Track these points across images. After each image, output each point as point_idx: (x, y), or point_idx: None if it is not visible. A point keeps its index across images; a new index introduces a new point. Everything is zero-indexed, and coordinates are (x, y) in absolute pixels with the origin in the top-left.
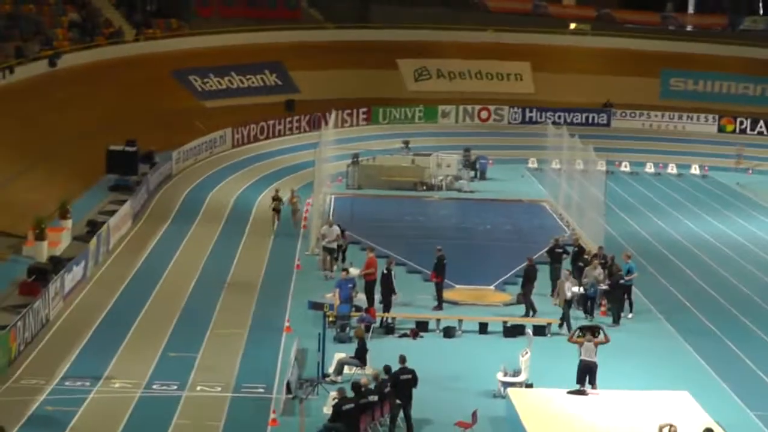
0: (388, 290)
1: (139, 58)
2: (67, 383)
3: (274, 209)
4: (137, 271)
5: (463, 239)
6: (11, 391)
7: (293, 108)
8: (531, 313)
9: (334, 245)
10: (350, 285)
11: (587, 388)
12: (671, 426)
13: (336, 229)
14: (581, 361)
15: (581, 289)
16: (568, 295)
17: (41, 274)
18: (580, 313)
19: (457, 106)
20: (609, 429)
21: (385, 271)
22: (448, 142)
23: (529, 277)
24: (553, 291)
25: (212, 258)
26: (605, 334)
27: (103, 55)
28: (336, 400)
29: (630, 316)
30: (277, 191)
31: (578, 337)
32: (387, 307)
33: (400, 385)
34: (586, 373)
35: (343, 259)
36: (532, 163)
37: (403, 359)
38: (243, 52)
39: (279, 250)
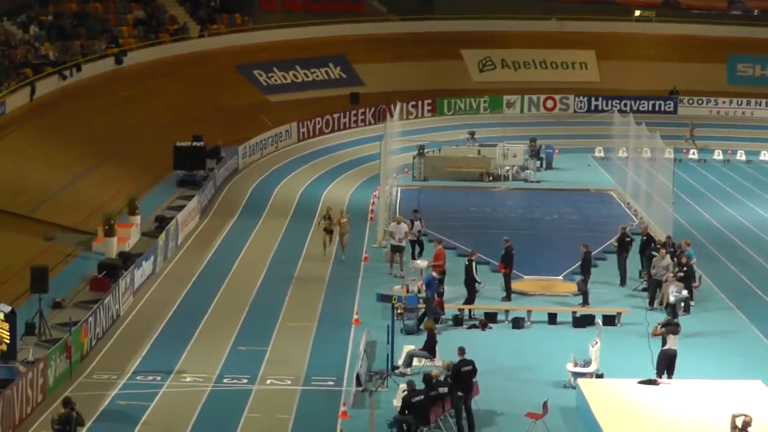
0: (471, 281)
1: (203, 53)
2: (138, 378)
3: (325, 230)
4: (206, 265)
5: (530, 229)
6: (84, 386)
7: (358, 101)
8: (585, 302)
9: (403, 243)
10: (436, 281)
11: (663, 378)
12: (745, 416)
13: (404, 227)
14: (664, 350)
15: (684, 291)
16: (672, 299)
17: (111, 270)
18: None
19: (522, 96)
20: (681, 419)
21: (467, 262)
22: (513, 133)
23: (584, 266)
24: (622, 280)
25: (280, 252)
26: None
27: (168, 51)
28: (406, 393)
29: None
30: (328, 210)
31: (660, 329)
32: (471, 298)
33: (461, 377)
34: (668, 362)
35: (420, 253)
36: (599, 152)
37: (462, 351)
38: (307, 45)
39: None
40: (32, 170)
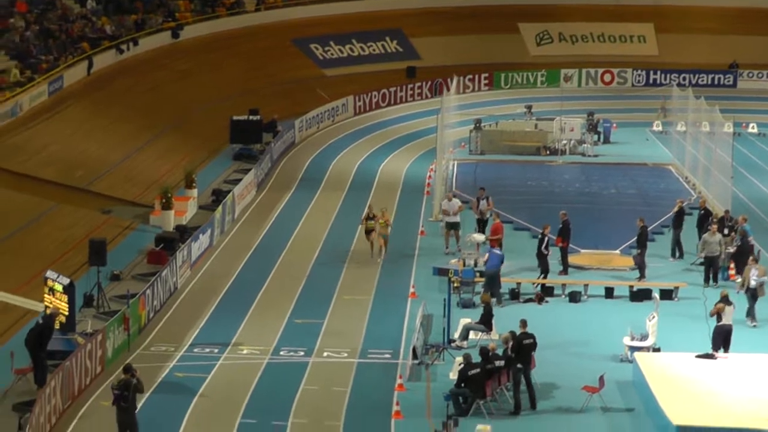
0: (544, 254)
1: (260, 27)
2: (195, 350)
3: (367, 232)
4: (262, 238)
5: (587, 203)
6: (142, 357)
7: (414, 74)
8: (641, 276)
9: (456, 219)
10: (500, 254)
11: (719, 352)
12: None
13: (456, 203)
14: (719, 326)
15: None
16: (753, 283)
17: (168, 243)
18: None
19: (579, 70)
20: (738, 393)
21: (540, 236)
22: (570, 106)
23: (640, 240)
24: (679, 254)
25: (336, 225)
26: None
27: (224, 25)
28: (462, 366)
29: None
30: (370, 208)
31: (717, 304)
32: (545, 271)
33: (522, 349)
34: (724, 337)
35: (483, 230)
36: (657, 126)
37: (524, 323)
38: (363, 19)
39: (403, 216)
40: (89, 144)
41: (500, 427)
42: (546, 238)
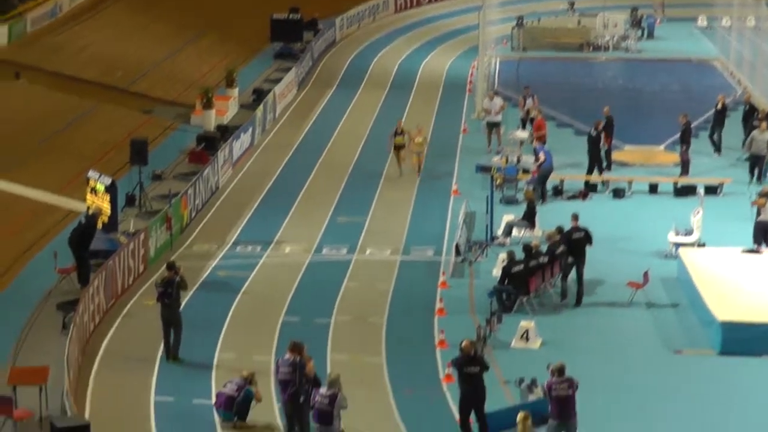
0: (597, 151)
1: None
2: (238, 248)
3: (396, 147)
4: (304, 137)
5: (630, 100)
6: (184, 256)
7: None
8: (685, 172)
9: (498, 118)
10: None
11: (762, 247)
12: None
13: (498, 101)
14: (759, 221)
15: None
16: None
17: (210, 143)
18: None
19: None
20: None
21: (593, 133)
22: (614, 2)
23: (684, 136)
24: (716, 148)
25: (378, 123)
26: None
27: None
28: (506, 263)
29: None
30: (399, 122)
31: (759, 197)
32: (597, 168)
33: (573, 243)
34: (764, 233)
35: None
36: (701, 21)
37: (575, 217)
38: None
39: (445, 114)
40: (130, 44)
41: (543, 323)
42: (600, 134)
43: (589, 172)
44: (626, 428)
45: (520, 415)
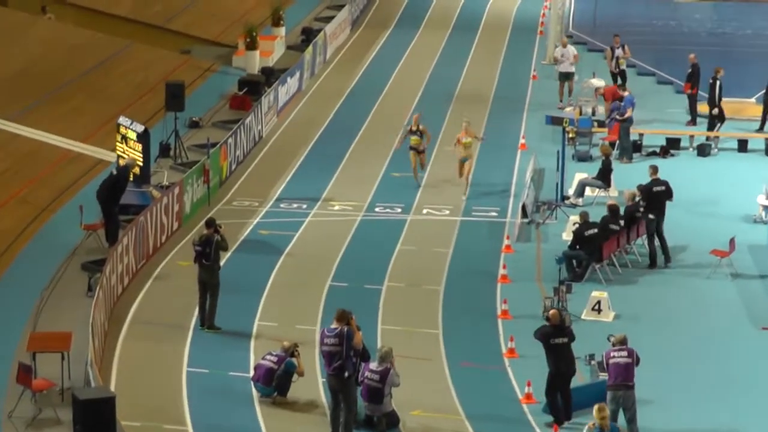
0: (713, 101)
1: None
2: (282, 205)
3: (412, 148)
4: (357, 82)
5: (719, 46)
6: (223, 213)
7: None
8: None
9: (572, 69)
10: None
11: None
12: None
13: (571, 50)
14: None
15: None
16: None
17: (253, 87)
18: None
19: None
20: None
21: (710, 81)
22: None
23: None
24: None
25: (439, 68)
26: None
27: None
28: (577, 225)
29: None
30: (416, 118)
31: None
32: (722, 121)
33: (652, 197)
34: None
35: (623, 84)
36: None
37: (654, 169)
38: None
39: (512, 59)
40: None
41: (618, 293)
42: (718, 83)
43: (710, 128)
44: (706, 408)
45: (595, 407)
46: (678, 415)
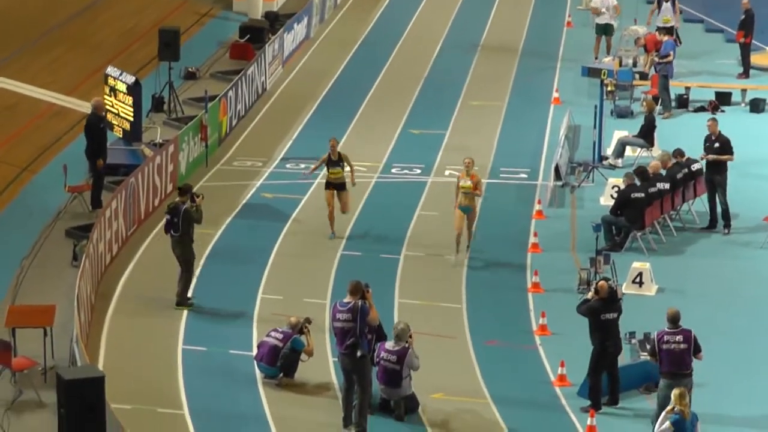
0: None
1: None
2: (288, 166)
3: (328, 185)
4: (371, 29)
5: None
6: (222, 174)
7: None
8: None
9: (611, 22)
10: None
11: None
12: None
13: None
14: None
15: None
16: None
17: (256, 34)
18: None
19: None
20: None
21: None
22: None
23: None
24: None
25: (462, 14)
26: None
27: None
28: (618, 188)
29: None
30: (334, 142)
31: None
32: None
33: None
34: None
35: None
36: None
37: (714, 121)
38: None
39: (545, 2)
40: None
41: (660, 264)
42: None
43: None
44: (762, 389)
45: (675, 393)
46: (732, 398)
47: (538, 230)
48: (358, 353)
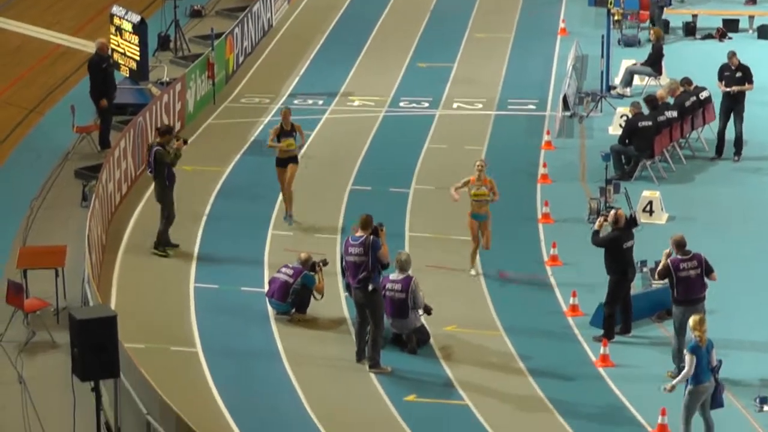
0: None
1: None
2: (295, 102)
3: (279, 162)
4: None
5: None
6: (230, 111)
7: None
8: None
9: None
10: None
11: None
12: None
13: None
14: None
15: None
16: None
17: None
18: None
19: None
20: None
21: None
22: None
23: None
24: None
25: None
26: None
27: None
28: (626, 118)
29: None
30: (286, 113)
31: None
32: None
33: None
34: None
35: None
36: None
37: (733, 54)
38: None
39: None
40: None
41: (670, 193)
42: None
43: None
44: (764, 314)
45: (694, 318)
46: (744, 325)
47: (547, 161)
48: (370, 287)
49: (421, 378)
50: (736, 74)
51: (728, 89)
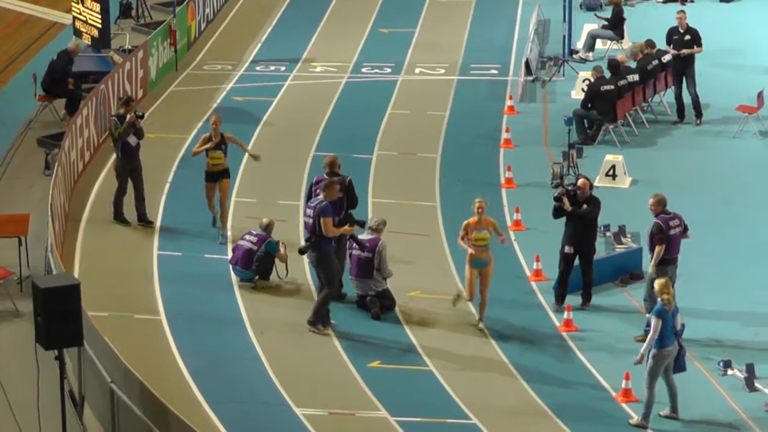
0: None
1: None
2: (258, 68)
3: (210, 176)
4: None
5: None
6: (192, 78)
7: None
8: None
9: None
10: None
11: None
12: None
13: None
14: None
15: None
16: None
17: None
18: None
19: None
20: None
21: None
22: None
23: None
24: None
25: None
26: None
27: None
28: (589, 82)
29: None
30: (216, 118)
31: None
32: None
33: (677, 47)
34: None
35: None
36: None
37: (683, 14)
38: None
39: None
40: None
41: (633, 157)
42: None
43: None
44: (737, 279)
45: (660, 282)
46: (708, 289)
47: (510, 126)
48: (301, 247)
49: (384, 343)
50: (684, 37)
51: (677, 53)
